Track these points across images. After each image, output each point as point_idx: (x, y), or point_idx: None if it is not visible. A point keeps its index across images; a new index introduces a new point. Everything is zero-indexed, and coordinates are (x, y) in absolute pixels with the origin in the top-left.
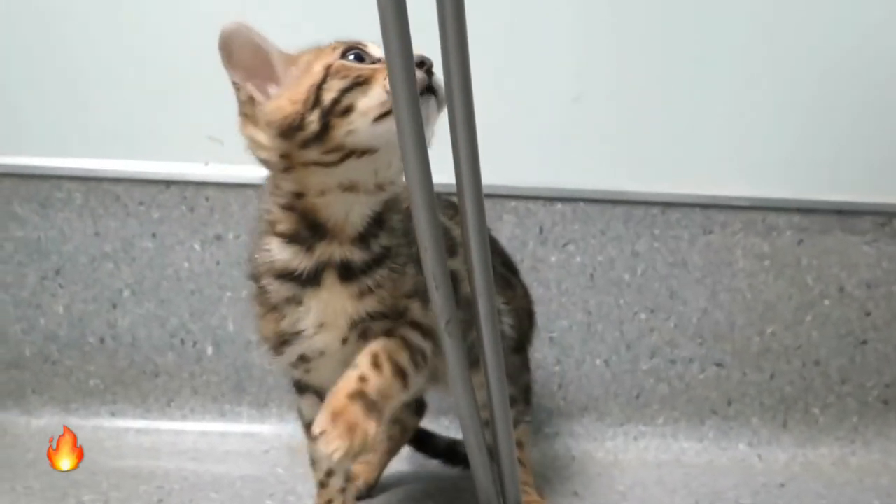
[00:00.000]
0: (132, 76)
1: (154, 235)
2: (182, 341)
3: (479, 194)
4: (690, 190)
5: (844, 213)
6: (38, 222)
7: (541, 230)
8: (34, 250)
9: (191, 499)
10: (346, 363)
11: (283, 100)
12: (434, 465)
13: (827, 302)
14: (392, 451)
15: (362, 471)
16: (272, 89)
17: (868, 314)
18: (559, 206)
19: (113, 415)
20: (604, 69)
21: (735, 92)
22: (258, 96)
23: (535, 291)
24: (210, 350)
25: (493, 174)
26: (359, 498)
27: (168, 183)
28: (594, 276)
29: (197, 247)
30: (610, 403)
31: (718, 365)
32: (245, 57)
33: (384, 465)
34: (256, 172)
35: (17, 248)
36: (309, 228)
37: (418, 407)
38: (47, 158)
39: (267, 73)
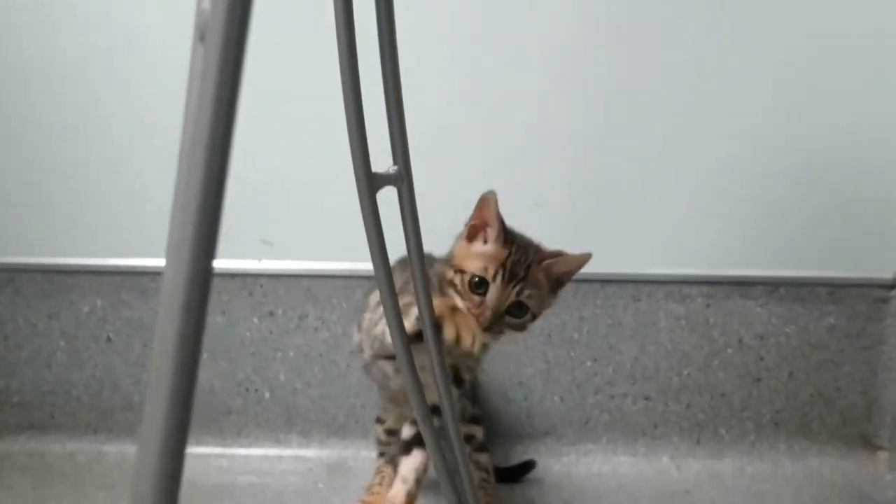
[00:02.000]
0: None
1: (223, 313)
2: (247, 389)
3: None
4: (623, 269)
5: (742, 283)
6: (139, 306)
7: None
8: (137, 326)
9: None
10: None
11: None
12: None
13: (730, 350)
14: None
15: (377, 500)
16: (478, 241)
17: (762, 359)
18: None
19: (197, 443)
20: (559, 181)
21: (653, 190)
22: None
23: (506, 349)
24: (267, 395)
25: None
26: None
27: (233, 275)
28: (551, 335)
29: (255, 320)
30: (565, 428)
31: (647, 398)
32: (485, 214)
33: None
34: (297, 266)
35: (126, 325)
36: None
37: None
38: (145, 259)
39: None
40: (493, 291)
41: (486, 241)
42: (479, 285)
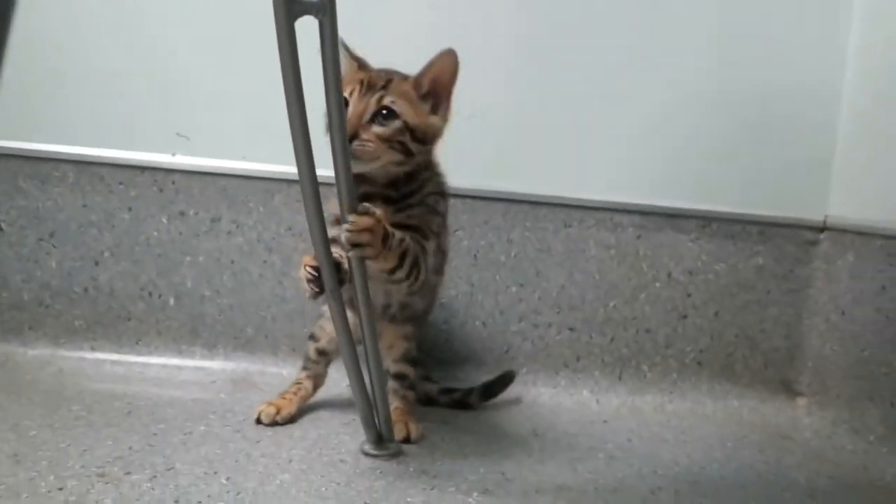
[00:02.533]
0: (122, 81)
1: (130, 209)
2: (150, 293)
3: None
4: (556, 192)
5: (674, 216)
6: (38, 195)
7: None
8: (34, 217)
9: (152, 412)
10: None
11: None
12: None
13: (658, 284)
14: (306, 397)
15: (285, 405)
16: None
17: (689, 295)
18: (452, 200)
19: (93, 349)
20: (492, 94)
21: (593, 119)
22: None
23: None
24: (172, 301)
25: None
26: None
27: (143, 168)
28: (477, 256)
29: (164, 220)
30: (485, 356)
31: (571, 329)
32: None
33: (303, 402)
34: (212, 163)
35: (21, 214)
36: None
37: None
38: (48, 144)
39: None
40: (352, 104)
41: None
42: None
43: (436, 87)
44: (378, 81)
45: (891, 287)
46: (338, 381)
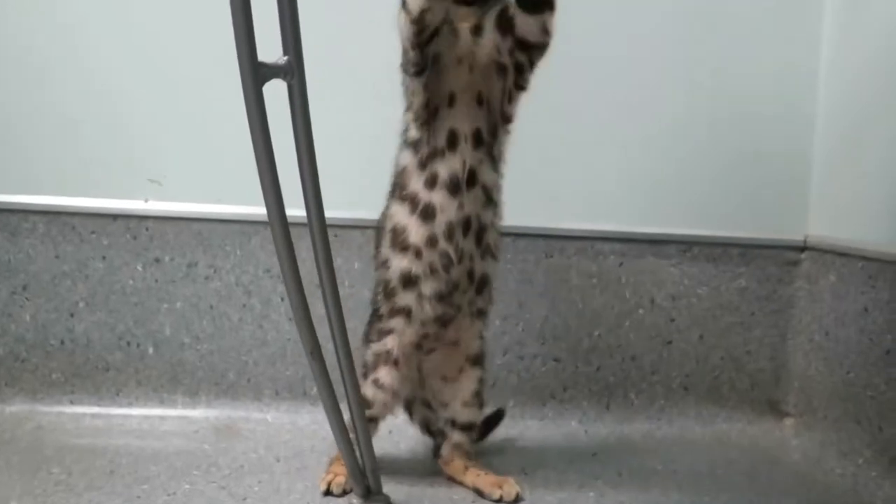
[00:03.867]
0: (86, 128)
1: (104, 258)
2: (128, 343)
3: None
4: (536, 223)
5: (655, 242)
6: (8, 247)
7: None
8: (5, 270)
9: (135, 469)
10: None
11: None
12: None
13: (641, 311)
14: None
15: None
16: None
17: (673, 320)
18: None
19: (72, 402)
20: None
21: (571, 149)
22: None
23: None
24: (151, 350)
25: None
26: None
27: (115, 216)
28: None
29: (139, 267)
30: None
31: (556, 360)
32: None
33: None
34: (186, 207)
35: None
36: None
37: None
38: (16, 196)
39: None
40: None
41: None
42: None
43: None
44: None
45: (873, 309)
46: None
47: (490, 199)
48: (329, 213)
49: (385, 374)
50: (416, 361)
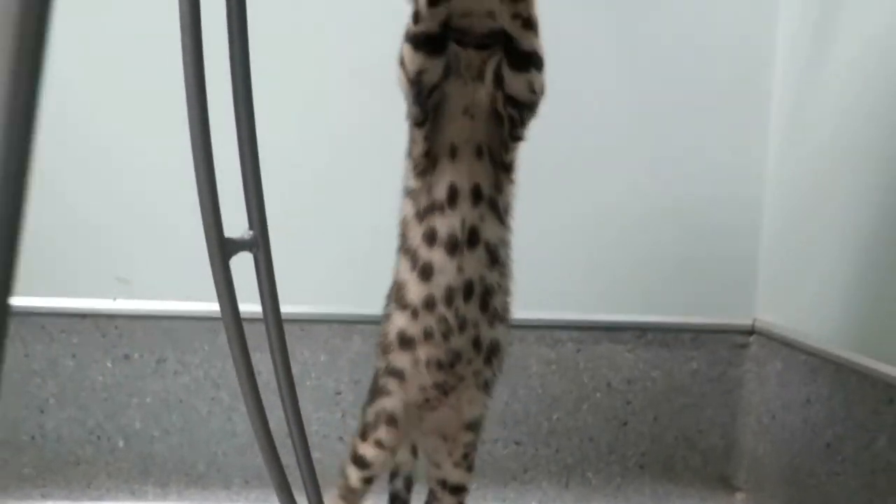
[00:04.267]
0: (53, 229)
1: (74, 356)
2: (98, 437)
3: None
4: None
5: (611, 328)
6: None
7: None
8: None
9: None
10: None
11: None
12: None
13: (598, 394)
14: None
15: None
16: None
17: (628, 403)
18: None
19: (43, 496)
20: None
21: (527, 241)
22: None
23: None
24: (121, 443)
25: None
26: None
27: (84, 315)
28: None
29: (109, 364)
30: None
31: (517, 443)
32: None
33: None
34: (155, 305)
35: None
36: None
37: None
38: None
39: None
40: None
41: None
42: None
43: None
44: None
45: (815, 401)
46: None
47: (495, 259)
48: (295, 309)
49: (384, 433)
50: (417, 418)
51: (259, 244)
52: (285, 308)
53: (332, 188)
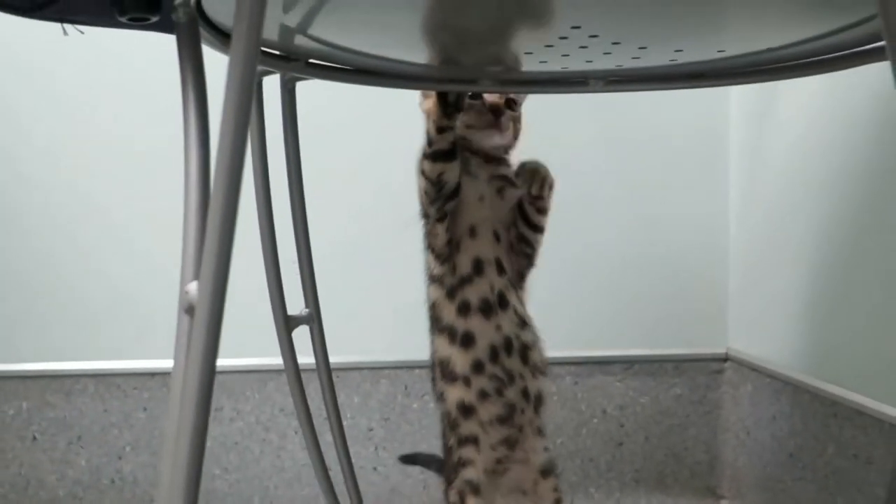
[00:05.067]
0: (128, 300)
1: (145, 409)
2: None
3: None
4: None
5: (603, 362)
6: (64, 406)
7: (405, 387)
8: (62, 425)
9: None
10: None
11: None
12: None
13: (595, 420)
14: None
15: None
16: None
17: (622, 426)
18: (417, 371)
19: None
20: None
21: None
22: None
23: (403, 428)
24: None
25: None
26: None
27: (153, 374)
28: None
29: None
30: None
31: None
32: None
33: None
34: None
35: (50, 424)
36: None
37: None
38: (68, 363)
39: None
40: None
41: None
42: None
43: None
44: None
45: (780, 418)
46: None
47: (524, 322)
48: (332, 359)
49: None
50: (494, 486)
51: (314, 319)
52: None
53: (355, 266)
